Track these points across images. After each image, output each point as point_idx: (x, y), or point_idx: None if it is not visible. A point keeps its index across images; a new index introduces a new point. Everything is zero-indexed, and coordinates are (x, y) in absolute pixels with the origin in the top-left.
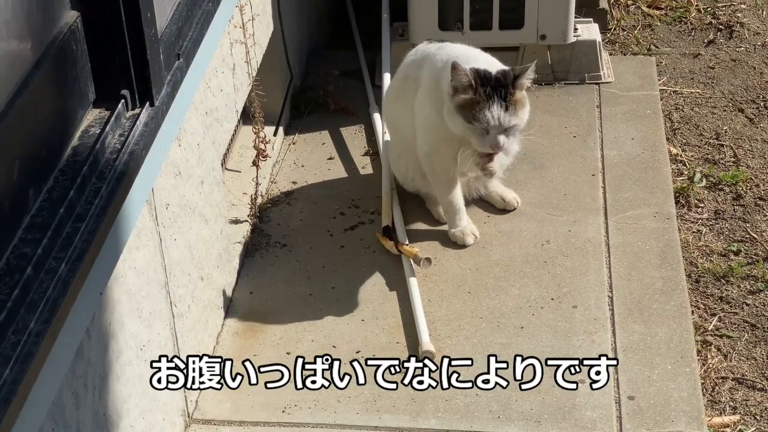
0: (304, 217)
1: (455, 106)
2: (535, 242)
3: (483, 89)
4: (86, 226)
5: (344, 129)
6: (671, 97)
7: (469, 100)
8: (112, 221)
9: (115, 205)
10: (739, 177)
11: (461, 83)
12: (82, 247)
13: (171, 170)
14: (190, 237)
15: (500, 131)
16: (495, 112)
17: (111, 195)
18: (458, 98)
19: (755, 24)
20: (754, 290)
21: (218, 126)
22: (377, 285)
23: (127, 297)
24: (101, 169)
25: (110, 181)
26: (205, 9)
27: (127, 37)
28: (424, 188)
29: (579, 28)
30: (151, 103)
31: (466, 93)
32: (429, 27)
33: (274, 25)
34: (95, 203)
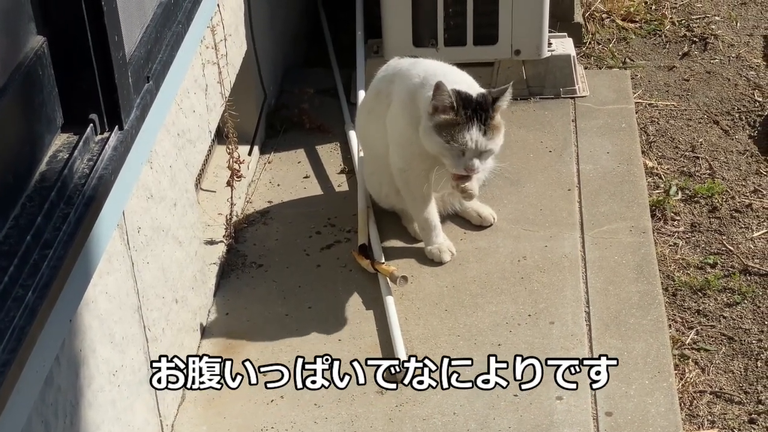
0: (280, 236)
1: (434, 125)
2: (511, 258)
3: (464, 111)
4: (54, 252)
5: (320, 147)
6: (647, 110)
7: (450, 121)
8: (81, 247)
9: (84, 230)
10: (714, 189)
11: (443, 104)
12: (49, 274)
13: (143, 193)
14: (164, 260)
15: (476, 154)
16: (474, 135)
17: (79, 220)
18: (438, 118)
19: (729, 36)
20: (731, 303)
21: (191, 147)
22: (354, 304)
23: (99, 322)
24: (69, 195)
25: (78, 207)
26: (175, 31)
27: (94, 61)
28: (398, 205)
29: (553, 42)
30: (120, 127)
31: (446, 114)
32: (403, 43)
33: (247, 45)
34: (63, 229)
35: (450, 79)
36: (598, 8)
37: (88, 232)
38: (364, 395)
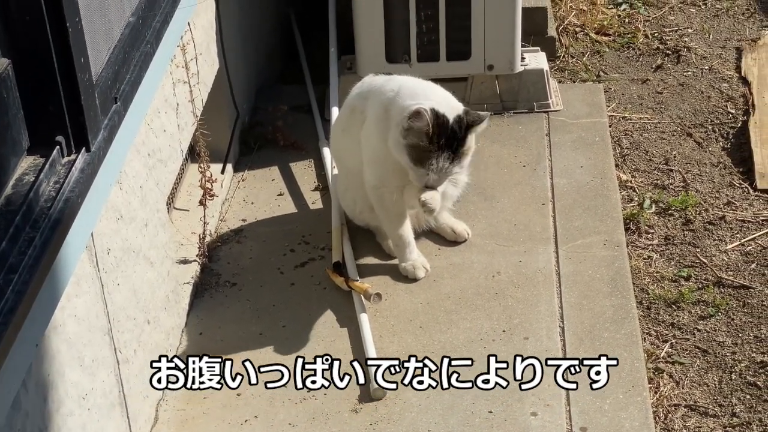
0: (254, 254)
1: (406, 145)
2: (486, 274)
3: (438, 140)
4: (19, 277)
5: (294, 164)
6: (620, 123)
7: (422, 147)
8: (48, 270)
9: (50, 254)
10: (688, 202)
11: (419, 129)
12: (14, 299)
13: (112, 214)
14: (135, 281)
15: (439, 177)
16: (441, 162)
17: (45, 244)
18: (411, 139)
19: (702, 48)
20: (705, 315)
21: (162, 167)
22: (328, 322)
23: (67, 346)
24: (35, 218)
25: (44, 230)
26: (143, 51)
27: (60, 83)
28: (373, 222)
29: (526, 57)
30: (87, 149)
31: (420, 139)
32: (376, 60)
33: (219, 63)
34: (29, 253)
35: (426, 94)
36: (572, 22)
37: (54, 256)
38: (338, 414)
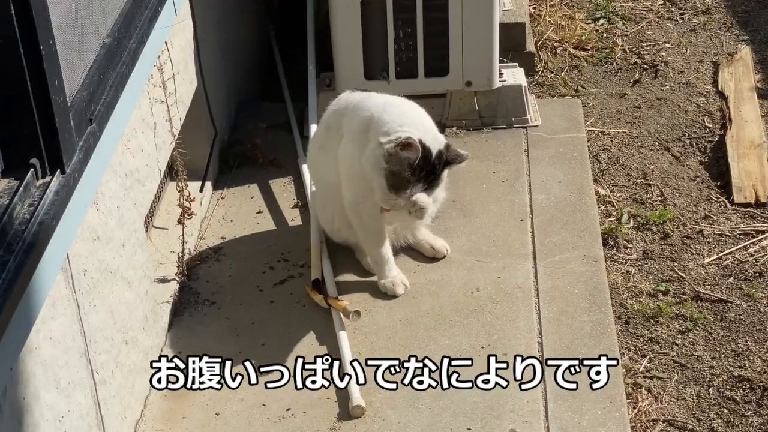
0: (233, 272)
1: (386, 170)
2: (464, 290)
3: (420, 172)
4: None
5: (273, 182)
6: (599, 138)
7: (404, 176)
8: (22, 293)
9: (25, 277)
10: (666, 216)
11: (407, 160)
12: None
13: (88, 235)
14: (112, 301)
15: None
16: (414, 191)
17: (19, 267)
18: (394, 166)
19: (679, 63)
20: (683, 330)
21: (140, 186)
22: (307, 340)
23: (43, 368)
24: (9, 242)
25: (18, 254)
26: (119, 72)
27: (34, 106)
28: (351, 238)
29: (504, 73)
30: (62, 171)
31: (404, 168)
32: (355, 76)
33: (197, 82)
34: (2, 277)
35: (406, 116)
36: (551, 37)
37: (29, 279)
38: None
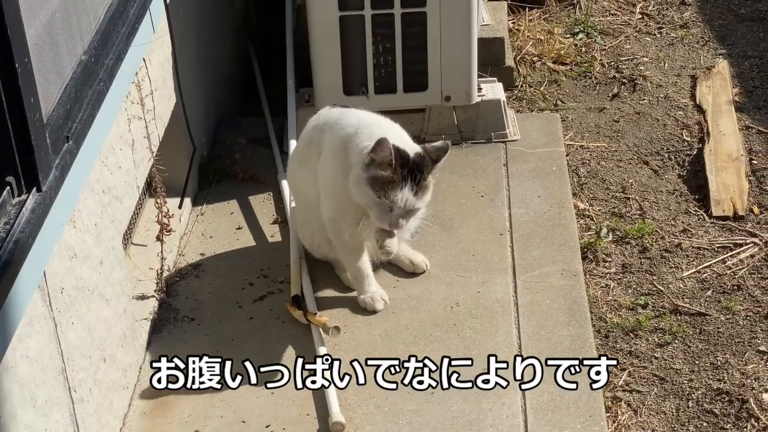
0: (212, 289)
1: (368, 178)
2: (444, 305)
3: (401, 170)
4: None
5: (253, 197)
6: (578, 152)
7: (385, 177)
8: None
9: (0, 295)
10: (644, 230)
11: (383, 160)
12: None
13: (65, 253)
14: (90, 319)
15: (403, 213)
16: (405, 194)
17: None
18: (373, 172)
19: (657, 77)
20: (662, 343)
21: (118, 204)
22: (287, 356)
23: (19, 387)
24: None
25: None
26: (96, 89)
27: (9, 124)
28: (331, 254)
29: (483, 87)
30: (38, 189)
31: (383, 170)
32: (334, 92)
33: (176, 98)
34: None
35: (380, 127)
36: (530, 51)
37: (4, 297)
38: None
